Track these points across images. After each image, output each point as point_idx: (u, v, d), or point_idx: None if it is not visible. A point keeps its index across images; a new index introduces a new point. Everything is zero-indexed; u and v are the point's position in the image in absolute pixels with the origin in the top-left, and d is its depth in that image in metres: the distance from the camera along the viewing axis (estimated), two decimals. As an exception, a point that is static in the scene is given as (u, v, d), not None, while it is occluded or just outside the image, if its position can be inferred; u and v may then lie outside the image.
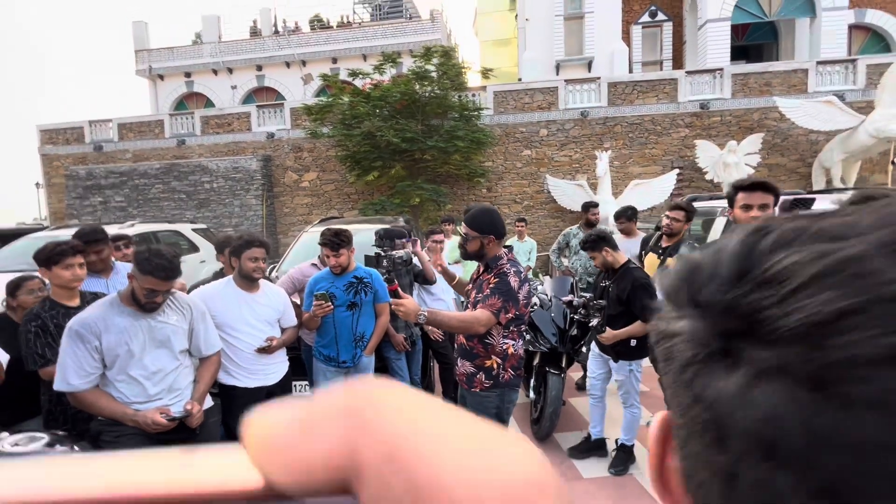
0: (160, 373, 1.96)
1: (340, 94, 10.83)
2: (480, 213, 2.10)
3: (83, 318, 1.87)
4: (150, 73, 20.06)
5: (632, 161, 11.43)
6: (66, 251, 2.26)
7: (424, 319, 1.84)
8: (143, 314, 1.95)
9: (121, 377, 1.91)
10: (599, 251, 2.90)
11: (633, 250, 4.22)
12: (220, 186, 12.25)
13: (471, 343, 2.09)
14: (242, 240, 2.43)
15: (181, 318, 2.06)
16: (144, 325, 1.95)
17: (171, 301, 2.06)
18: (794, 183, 11.01)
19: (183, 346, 2.06)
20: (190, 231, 7.57)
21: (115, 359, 1.89)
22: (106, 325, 1.88)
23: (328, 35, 19.38)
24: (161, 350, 1.98)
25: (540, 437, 3.39)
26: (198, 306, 2.15)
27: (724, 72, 11.26)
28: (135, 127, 13.76)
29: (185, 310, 2.09)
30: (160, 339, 1.97)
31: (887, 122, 8.88)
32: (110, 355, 1.89)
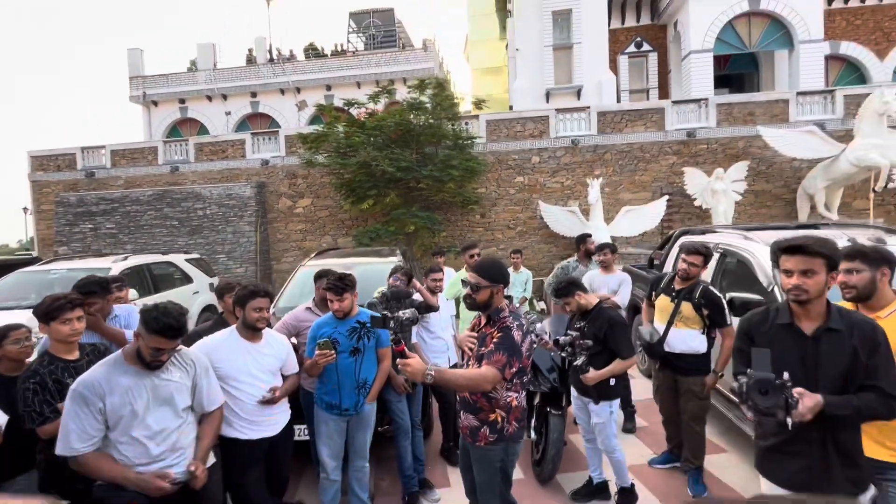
0: (164, 432, 1.93)
1: (335, 123, 10.97)
2: (490, 264, 2.12)
3: (87, 380, 1.85)
4: (144, 99, 20.20)
5: (622, 188, 11.66)
6: (64, 306, 2.24)
7: (432, 379, 1.85)
8: (147, 372, 1.93)
9: (123, 438, 1.87)
10: (572, 296, 2.97)
11: (612, 286, 4.27)
12: (214, 213, 12.22)
13: (474, 397, 2.09)
14: (247, 290, 2.43)
15: (184, 375, 2.04)
16: (148, 383, 1.93)
17: (174, 357, 2.04)
18: (779, 209, 11.28)
19: (186, 402, 2.03)
20: (183, 262, 7.52)
21: (119, 420, 1.86)
22: (110, 386, 1.86)
23: (322, 63, 19.74)
24: (164, 408, 1.95)
25: (542, 479, 3.36)
26: (201, 361, 2.13)
27: (709, 101, 11.64)
28: (128, 153, 13.76)
29: (189, 366, 2.07)
30: (164, 398, 1.95)
31: (866, 152, 9.20)
32: (114, 417, 1.86)
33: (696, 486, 3.18)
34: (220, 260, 11.97)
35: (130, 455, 1.87)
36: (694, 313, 3.13)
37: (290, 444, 2.70)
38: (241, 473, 2.39)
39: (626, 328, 2.93)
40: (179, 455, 1.96)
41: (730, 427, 3.88)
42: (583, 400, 3.03)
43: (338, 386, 2.72)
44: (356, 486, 2.91)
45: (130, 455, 1.87)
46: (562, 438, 3.31)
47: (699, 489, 3.16)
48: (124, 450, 1.87)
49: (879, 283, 1.92)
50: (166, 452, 1.92)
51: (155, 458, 1.89)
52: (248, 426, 2.42)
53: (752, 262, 3.58)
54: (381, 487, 3.42)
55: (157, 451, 1.90)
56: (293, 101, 19.65)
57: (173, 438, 1.94)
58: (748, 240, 3.83)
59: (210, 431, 2.11)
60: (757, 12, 15.78)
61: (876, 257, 1.93)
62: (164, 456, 1.91)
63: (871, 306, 1.95)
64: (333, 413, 2.75)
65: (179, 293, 7.00)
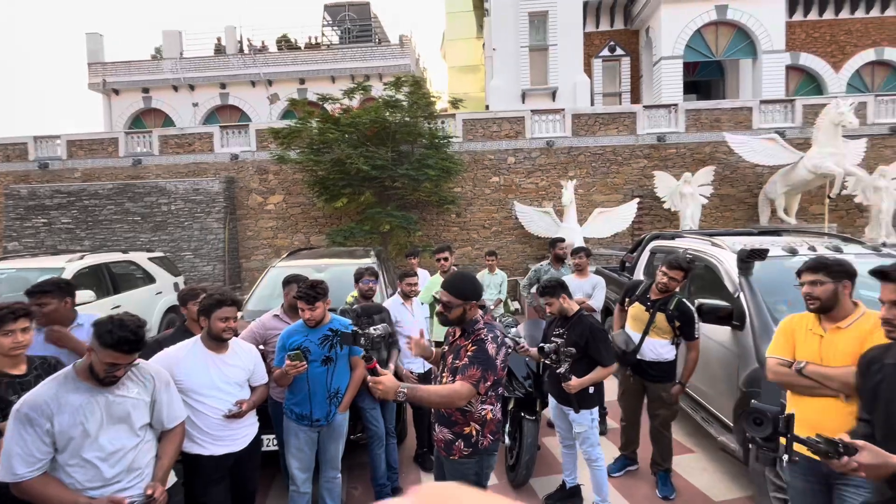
0: (119, 452, 1.80)
1: (308, 118, 10.71)
2: (461, 280, 2.07)
3: (33, 399, 1.70)
4: (105, 87, 19.19)
5: (595, 189, 11.86)
6: (5, 316, 2.04)
7: (404, 397, 1.80)
8: (101, 388, 1.80)
9: (73, 461, 1.74)
10: (557, 297, 2.96)
11: (586, 289, 4.33)
12: (179, 209, 11.74)
13: (448, 410, 2.05)
14: (213, 299, 2.31)
15: (143, 390, 1.92)
16: (102, 400, 1.80)
17: (131, 371, 1.91)
18: (742, 212, 11.74)
19: (144, 420, 1.91)
20: (146, 260, 7.17)
21: (69, 441, 1.73)
22: (59, 405, 1.72)
23: (295, 56, 19.24)
24: (120, 427, 1.82)
25: (516, 484, 3.37)
26: (161, 375, 2.01)
27: (678, 107, 11.97)
28: (86, 144, 13.05)
29: (147, 380, 1.94)
30: (119, 416, 1.82)
31: (822, 160, 9.66)
32: (63, 438, 1.72)
33: (664, 488, 3.26)
34: (187, 258, 11.53)
35: (81, 479, 1.74)
36: (666, 325, 3.20)
37: (257, 458, 2.59)
38: (203, 491, 2.28)
39: (607, 336, 2.96)
40: (136, 476, 1.84)
41: (697, 429, 3.99)
42: (563, 409, 3.03)
43: (308, 396, 2.64)
44: (327, 497, 2.84)
45: (81, 479, 1.74)
46: (535, 443, 3.33)
47: (667, 490, 3.24)
48: (74, 473, 1.74)
49: (841, 295, 1.99)
50: (122, 474, 1.80)
51: (109, 481, 1.77)
52: (213, 441, 2.30)
53: (719, 268, 3.69)
54: (353, 496, 3.35)
55: (111, 473, 1.77)
56: (265, 94, 19.08)
57: (129, 459, 1.82)
58: (716, 246, 3.94)
59: (171, 450, 1.99)
60: (724, 22, 16.34)
61: (838, 270, 2.00)
62: (120, 478, 1.79)
63: (832, 317, 2.02)
64: (304, 424, 2.67)
65: (141, 294, 6.69)
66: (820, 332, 2.04)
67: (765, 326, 2.97)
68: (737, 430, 3.12)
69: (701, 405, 3.73)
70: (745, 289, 3.26)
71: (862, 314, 1.98)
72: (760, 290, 3.22)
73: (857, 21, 17.67)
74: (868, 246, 3.72)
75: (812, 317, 2.09)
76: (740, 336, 3.20)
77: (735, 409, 3.11)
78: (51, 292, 2.63)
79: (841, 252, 3.40)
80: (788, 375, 2.06)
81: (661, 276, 3.21)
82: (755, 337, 3.00)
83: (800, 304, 2.23)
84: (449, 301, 2.01)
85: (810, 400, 2.02)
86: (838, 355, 1.95)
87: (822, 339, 2.02)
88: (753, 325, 3.06)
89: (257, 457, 2.63)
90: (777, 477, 2.74)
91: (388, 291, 4.75)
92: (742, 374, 3.06)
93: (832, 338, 1.99)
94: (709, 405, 3.62)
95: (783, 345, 2.14)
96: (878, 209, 10.00)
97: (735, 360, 3.21)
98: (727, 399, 3.27)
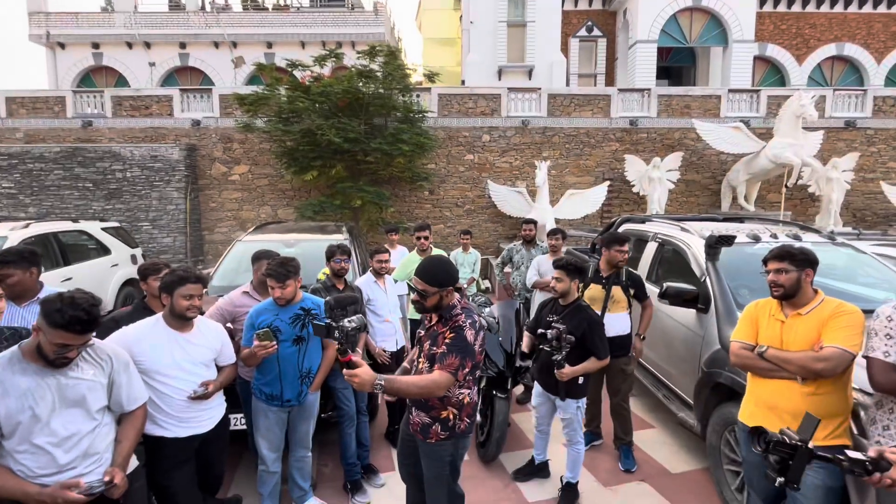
0: (73, 437, 1.69)
1: (277, 85, 10.19)
2: (435, 266, 1.98)
3: None
4: (49, 39, 17.58)
5: (567, 171, 11.97)
6: None
7: (381, 389, 1.76)
8: (52, 370, 1.67)
9: (22, 447, 1.62)
10: (572, 280, 2.87)
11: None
12: (136, 176, 11.05)
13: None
14: (176, 275, 2.18)
15: (99, 372, 1.79)
16: (53, 383, 1.67)
17: (86, 352, 1.78)
18: (706, 198, 12.16)
19: (101, 403, 1.79)
20: (99, 231, 6.75)
21: (16, 427, 1.61)
22: (4, 388, 1.59)
23: (262, 17, 18.16)
24: (74, 410, 1.71)
25: (486, 460, 3.44)
26: (120, 356, 1.88)
27: (651, 92, 12.11)
28: (28, 102, 11.99)
29: (104, 361, 1.82)
30: (73, 399, 1.70)
31: (783, 150, 10.07)
32: (10, 423, 1.60)
33: (626, 461, 3.40)
34: (144, 228, 10.94)
35: (32, 465, 1.63)
36: (622, 295, 3.41)
37: (224, 440, 2.52)
38: (167, 475, 2.19)
39: (603, 328, 2.94)
40: (94, 462, 1.74)
41: (657, 405, 4.18)
42: (548, 396, 3.00)
43: (279, 376, 2.56)
44: (297, 476, 2.81)
45: (32, 465, 1.63)
46: (506, 420, 3.40)
47: (629, 463, 3.39)
48: (24, 459, 1.62)
49: (803, 283, 2.08)
50: (77, 460, 1.69)
51: (63, 468, 1.66)
52: (177, 423, 2.21)
53: (687, 252, 3.79)
54: (324, 474, 3.34)
55: (65, 459, 1.67)
56: (229, 57, 18.00)
57: (85, 444, 1.71)
58: (685, 231, 4.04)
59: (131, 433, 1.89)
60: (699, 8, 16.52)
61: (802, 258, 2.07)
62: (75, 464, 1.68)
63: (794, 303, 2.11)
64: (274, 405, 2.60)
65: (95, 266, 6.31)
66: (781, 317, 2.13)
67: (728, 310, 3.10)
68: (696, 407, 3.28)
69: (662, 383, 3.90)
70: (711, 273, 3.37)
71: (821, 301, 2.08)
72: (725, 275, 3.34)
73: (822, 15, 18.25)
74: (824, 235, 3.91)
75: (775, 303, 2.18)
76: (704, 318, 3.32)
77: (696, 388, 3.25)
78: (13, 262, 2.40)
79: (800, 240, 3.56)
80: (750, 359, 2.15)
81: (618, 254, 3.40)
82: (719, 319, 3.12)
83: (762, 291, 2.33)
84: (424, 289, 1.95)
85: (769, 382, 2.12)
86: (798, 340, 2.04)
87: (784, 325, 2.11)
88: (718, 308, 3.18)
89: (225, 439, 2.55)
90: (731, 451, 2.90)
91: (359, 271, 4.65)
92: (704, 355, 3.20)
93: (792, 323, 2.08)
94: (670, 383, 3.78)
95: (747, 329, 2.22)
96: (828, 199, 10.57)
97: (698, 342, 3.34)
98: (688, 378, 3.42)
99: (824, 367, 1.91)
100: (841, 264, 3.66)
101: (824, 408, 1.96)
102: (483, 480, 3.26)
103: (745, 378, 2.42)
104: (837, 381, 1.98)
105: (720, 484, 2.97)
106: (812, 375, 1.96)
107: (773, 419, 2.08)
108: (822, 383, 1.98)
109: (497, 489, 3.18)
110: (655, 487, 3.18)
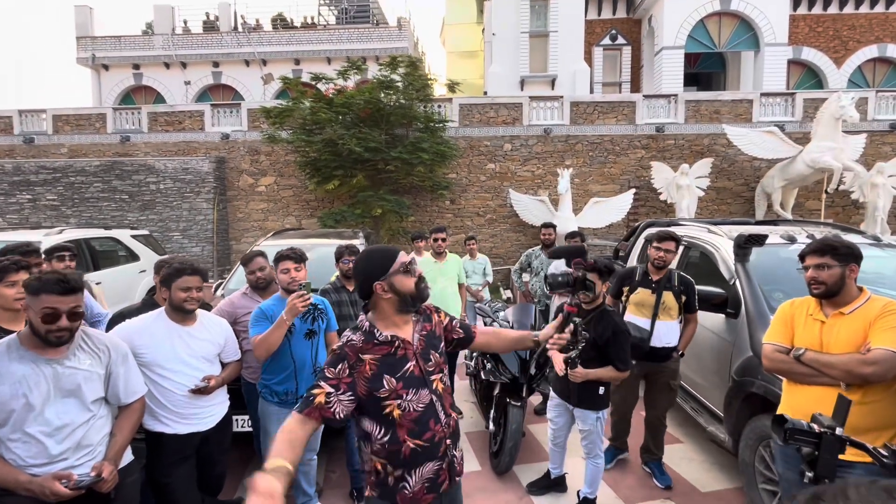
0: (66, 428, 1.67)
1: (301, 98, 10.45)
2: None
3: None
4: (94, 62, 18.71)
5: (591, 179, 11.72)
6: (8, 267, 2.02)
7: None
8: (48, 359, 1.66)
9: (15, 435, 1.61)
10: (604, 282, 2.69)
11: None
12: (168, 188, 11.49)
13: None
14: (172, 268, 2.17)
15: (96, 362, 1.78)
16: (49, 371, 1.66)
17: (83, 341, 1.77)
18: (738, 206, 11.65)
19: (97, 394, 1.77)
20: (129, 238, 6.98)
21: (10, 414, 1.60)
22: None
23: (291, 35, 18.81)
24: (69, 400, 1.69)
25: (500, 471, 3.28)
26: (118, 347, 1.87)
27: (678, 98, 11.80)
28: (72, 119, 12.71)
29: (102, 352, 1.80)
30: (68, 388, 1.68)
31: (821, 154, 9.56)
32: (3, 411, 1.59)
33: (663, 477, 3.16)
34: (175, 238, 11.32)
35: (23, 454, 1.61)
36: (674, 301, 3.08)
37: (226, 439, 2.47)
38: (166, 472, 2.15)
39: (629, 339, 2.68)
40: (86, 454, 1.71)
41: (686, 418, 3.92)
42: (565, 406, 2.81)
43: (294, 373, 2.53)
44: (302, 480, 2.73)
45: (23, 454, 1.61)
46: (520, 430, 3.23)
47: (666, 479, 3.15)
48: (16, 448, 1.61)
49: (847, 280, 1.88)
50: (69, 451, 1.66)
51: (54, 458, 1.64)
52: (177, 419, 2.17)
53: (715, 255, 3.57)
54: (331, 480, 3.25)
55: (57, 449, 1.64)
56: (259, 74, 18.68)
57: (78, 435, 1.69)
58: (712, 233, 3.82)
59: (126, 427, 1.86)
60: (728, 12, 16.10)
61: (846, 253, 1.88)
62: (66, 455, 1.66)
63: (835, 302, 1.91)
64: (288, 405, 2.54)
65: (123, 271, 6.52)
66: (821, 317, 1.92)
67: (761, 314, 2.87)
68: (726, 420, 3.03)
69: (690, 394, 3.65)
70: (741, 276, 3.15)
71: (867, 299, 1.87)
72: (757, 277, 3.11)
73: (862, 16, 17.49)
74: (868, 236, 3.62)
75: (813, 302, 1.98)
76: (734, 324, 3.09)
77: (726, 399, 3.02)
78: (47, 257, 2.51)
79: None
80: (786, 362, 1.95)
81: (653, 251, 3.08)
82: (751, 325, 2.89)
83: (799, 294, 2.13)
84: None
85: (807, 389, 1.91)
86: (840, 342, 1.84)
87: (824, 326, 1.90)
88: (749, 312, 2.95)
89: (226, 437, 2.51)
90: (767, 468, 2.65)
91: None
92: (735, 363, 2.97)
93: (834, 323, 1.88)
94: (698, 395, 3.53)
95: (781, 331, 2.02)
96: (874, 206, 9.93)
97: (727, 349, 3.11)
98: (718, 389, 3.18)
99: (873, 371, 1.70)
100: (889, 270, 3.36)
101: (873, 418, 1.75)
102: (495, 493, 3.10)
103: (779, 387, 2.21)
104: (888, 387, 1.76)
105: (755, 504, 2.72)
106: (858, 381, 1.75)
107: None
108: (870, 390, 1.76)
109: (510, 502, 3.01)
110: (682, 505, 2.94)
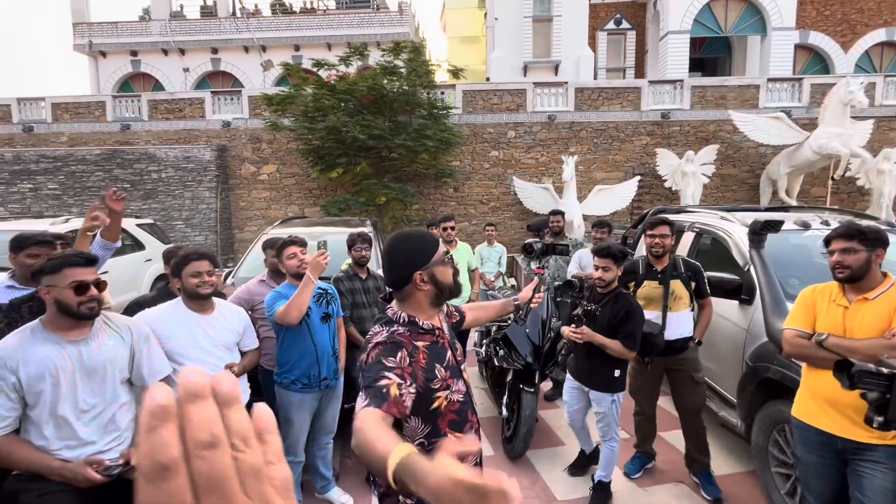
0: (94, 409, 1.68)
1: (303, 85, 10.33)
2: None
3: None
4: (91, 48, 18.46)
5: (596, 166, 11.65)
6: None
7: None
8: (71, 338, 1.66)
9: (45, 418, 1.61)
10: (619, 267, 2.69)
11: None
12: (170, 177, 11.42)
13: None
14: (179, 256, 2.17)
15: (118, 343, 1.78)
16: (74, 352, 1.66)
17: (105, 322, 1.78)
18: (743, 193, 11.61)
19: (123, 374, 1.78)
20: (134, 227, 6.96)
21: (39, 395, 1.60)
22: (24, 358, 1.58)
23: (290, 20, 18.53)
24: (95, 381, 1.69)
25: (513, 456, 3.31)
26: (140, 328, 1.88)
27: (683, 83, 11.67)
28: (71, 108, 12.59)
29: (124, 332, 1.81)
30: (93, 368, 1.68)
31: (829, 140, 9.48)
32: (32, 392, 1.59)
33: (711, 488, 2.85)
34: (178, 227, 11.28)
35: (53, 438, 1.61)
36: (684, 289, 2.92)
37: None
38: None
39: (643, 318, 2.64)
40: (115, 440, 1.72)
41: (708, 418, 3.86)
42: (581, 389, 2.82)
43: (316, 357, 2.56)
44: (320, 464, 2.78)
45: (53, 438, 1.61)
46: (534, 416, 3.26)
47: (715, 490, 2.83)
48: (46, 431, 1.61)
49: (873, 265, 1.87)
50: (97, 433, 1.67)
51: (84, 442, 1.64)
52: (199, 407, 2.19)
53: (728, 241, 3.56)
54: (347, 465, 3.29)
55: (84, 431, 1.64)
56: (258, 61, 18.44)
57: (106, 417, 1.70)
58: (725, 219, 3.80)
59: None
60: (734, -5, 15.84)
61: (874, 237, 1.86)
62: (95, 438, 1.66)
63: (859, 287, 1.90)
64: (312, 391, 2.57)
65: (129, 261, 6.50)
66: (844, 303, 1.92)
67: (776, 300, 2.87)
68: (739, 405, 3.05)
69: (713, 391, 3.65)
70: (755, 262, 3.14)
71: (892, 284, 1.87)
72: (771, 264, 3.11)
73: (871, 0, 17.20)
74: (882, 222, 3.60)
75: (835, 287, 1.98)
76: (748, 310, 3.09)
77: (739, 384, 3.03)
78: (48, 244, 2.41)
79: None
80: (807, 348, 1.95)
81: (648, 239, 2.93)
82: (766, 311, 2.89)
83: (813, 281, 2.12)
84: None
85: (828, 374, 1.91)
86: (864, 328, 1.84)
87: (847, 311, 1.90)
88: (764, 299, 2.95)
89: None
90: (781, 452, 2.68)
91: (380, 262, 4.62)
92: (749, 349, 2.97)
93: (858, 309, 1.88)
94: (709, 380, 3.55)
95: (802, 316, 2.02)
96: (879, 192, 9.88)
97: (741, 335, 3.11)
98: (731, 374, 3.20)
99: None
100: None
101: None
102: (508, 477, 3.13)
103: (796, 372, 2.22)
104: (913, 373, 1.77)
105: (768, 488, 2.75)
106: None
107: (833, 415, 1.88)
108: None
109: (525, 487, 3.04)
110: (694, 490, 2.97)
